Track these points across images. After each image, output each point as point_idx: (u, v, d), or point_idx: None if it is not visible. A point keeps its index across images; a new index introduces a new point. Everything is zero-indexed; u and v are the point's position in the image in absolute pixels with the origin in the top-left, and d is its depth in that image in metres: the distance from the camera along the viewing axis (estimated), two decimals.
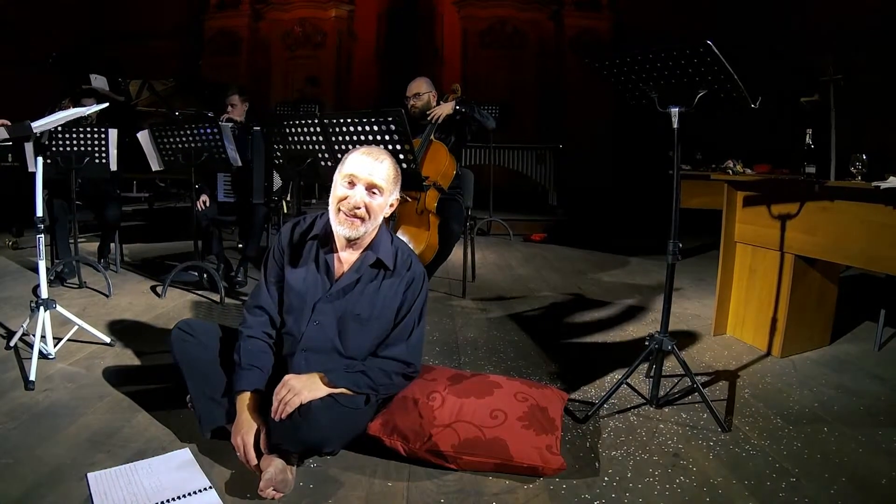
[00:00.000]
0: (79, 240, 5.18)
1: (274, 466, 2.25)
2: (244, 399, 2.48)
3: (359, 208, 2.50)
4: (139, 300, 4.79)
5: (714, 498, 2.30)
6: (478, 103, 5.15)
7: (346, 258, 2.64)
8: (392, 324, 2.65)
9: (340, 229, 2.54)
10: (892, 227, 3.18)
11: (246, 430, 2.38)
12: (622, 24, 11.85)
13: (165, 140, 4.88)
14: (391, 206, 2.64)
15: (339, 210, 2.53)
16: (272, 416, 2.36)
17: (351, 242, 2.58)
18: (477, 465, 2.46)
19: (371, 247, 2.62)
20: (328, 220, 2.61)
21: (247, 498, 2.24)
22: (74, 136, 4.81)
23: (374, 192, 2.53)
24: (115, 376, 3.27)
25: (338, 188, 2.55)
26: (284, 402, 2.35)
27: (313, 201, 10.24)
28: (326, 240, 2.64)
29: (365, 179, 2.51)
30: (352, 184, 2.52)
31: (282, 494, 2.23)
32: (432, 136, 4.71)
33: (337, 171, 2.59)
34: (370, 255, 2.61)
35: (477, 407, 2.58)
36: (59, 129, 4.67)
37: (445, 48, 12.17)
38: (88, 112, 3.68)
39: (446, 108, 4.75)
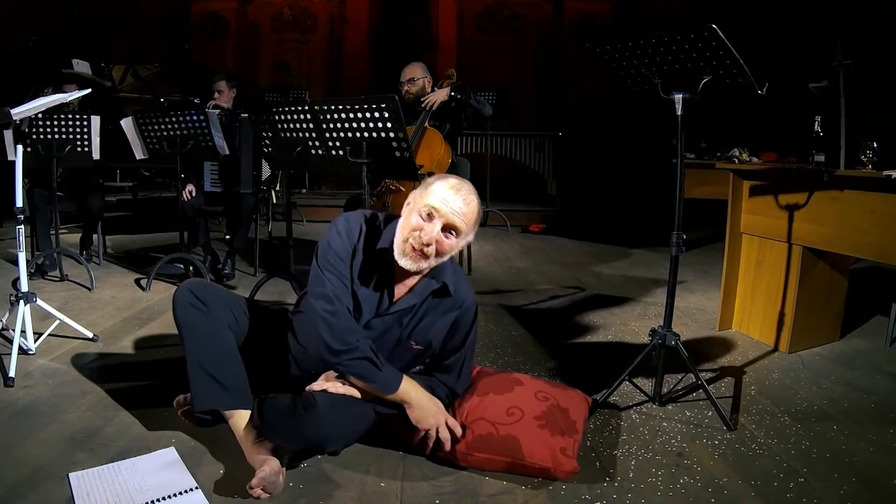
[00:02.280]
0: (60, 231, 5.16)
1: (269, 466, 2.25)
2: (409, 390, 2.46)
3: (429, 245, 2.36)
4: (123, 294, 4.78)
5: (719, 499, 2.29)
6: (474, 89, 5.14)
7: (406, 280, 2.54)
8: (438, 350, 2.64)
9: (402, 260, 2.39)
10: None
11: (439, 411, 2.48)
12: (623, 7, 11.80)
13: (150, 127, 4.86)
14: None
15: (407, 239, 2.38)
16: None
17: None
18: (487, 464, 2.44)
19: (434, 273, 2.52)
20: (392, 231, 2.48)
21: (234, 498, 2.23)
22: (56, 123, 4.77)
23: (450, 233, 2.39)
24: (98, 372, 3.26)
25: (412, 215, 2.40)
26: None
27: (303, 190, 10.24)
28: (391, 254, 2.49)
29: (446, 217, 2.35)
30: (430, 216, 2.36)
31: (268, 496, 2.22)
32: (427, 124, 4.69)
33: (418, 192, 2.44)
34: (432, 283, 2.52)
35: (494, 403, 2.57)
36: (40, 116, 4.63)
37: (440, 32, 12.11)
38: (70, 98, 3.66)
39: (441, 95, 4.74)
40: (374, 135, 3.53)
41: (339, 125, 3.64)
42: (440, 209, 2.35)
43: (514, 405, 2.56)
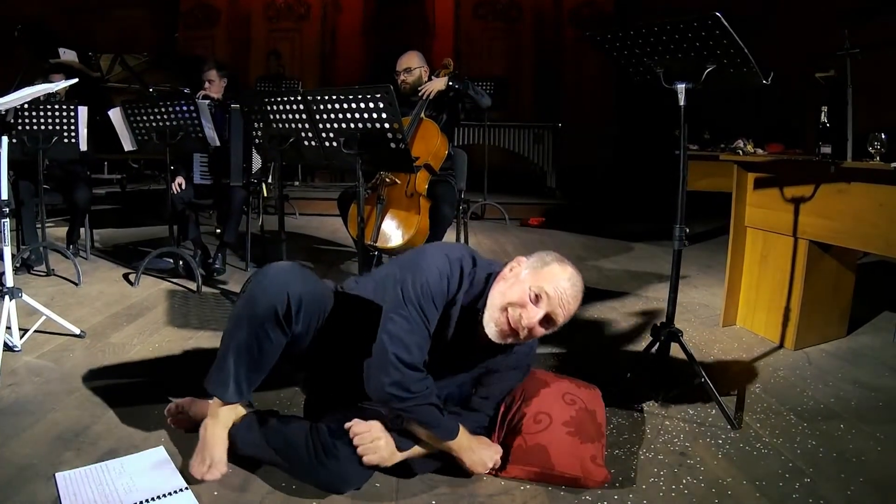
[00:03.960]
0: (46, 225, 5.13)
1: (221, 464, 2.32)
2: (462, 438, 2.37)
3: (524, 329, 2.30)
4: (111, 289, 4.77)
5: (723, 499, 2.29)
6: (471, 78, 5.13)
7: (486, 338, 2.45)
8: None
9: (491, 327, 2.33)
10: None
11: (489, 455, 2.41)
12: None
13: (139, 118, 4.84)
14: None
15: (505, 309, 2.30)
16: None
17: None
18: (517, 475, 2.42)
19: None
20: (484, 286, 2.41)
21: (225, 499, 2.22)
22: (42, 113, 4.74)
23: (547, 322, 2.34)
24: (86, 370, 3.25)
25: (518, 287, 2.32)
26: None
27: (296, 183, 10.22)
28: (477, 308, 2.41)
29: (553, 308, 2.30)
30: (538, 299, 2.29)
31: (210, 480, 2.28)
32: (422, 114, 4.68)
33: (532, 264, 2.38)
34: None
35: (522, 411, 2.55)
36: (26, 106, 4.61)
37: (437, 20, 12.08)
38: (57, 88, 3.64)
39: (439, 84, 4.72)
40: (369, 126, 3.51)
41: (332, 116, 3.62)
42: (552, 297, 2.30)
43: (542, 411, 2.52)
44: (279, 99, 3.84)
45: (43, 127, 4.76)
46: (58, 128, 4.79)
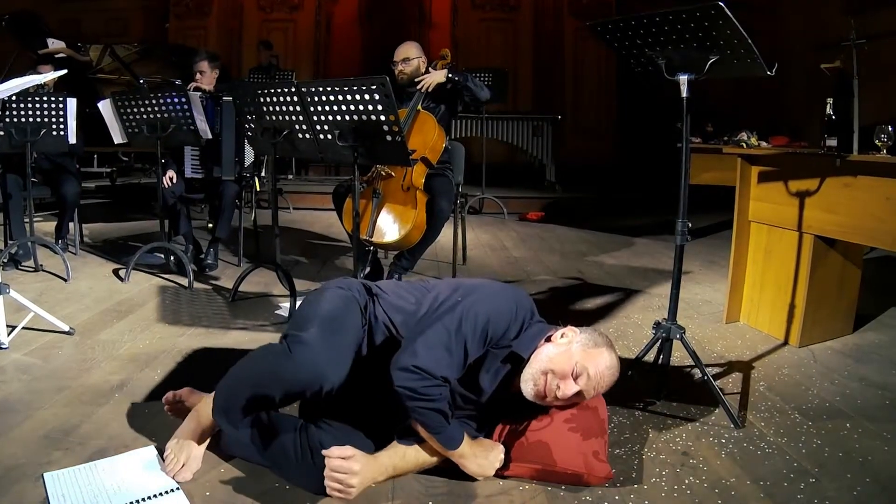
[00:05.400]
0: (34, 219, 5.11)
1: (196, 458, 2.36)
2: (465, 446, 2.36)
3: (554, 398, 2.39)
4: (100, 285, 4.76)
5: (726, 500, 2.29)
6: (469, 69, 5.12)
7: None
8: None
9: (527, 385, 2.41)
10: None
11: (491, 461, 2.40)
12: None
13: (129, 110, 4.83)
14: None
15: (545, 374, 2.38)
16: None
17: None
18: (518, 473, 2.42)
19: None
20: (535, 341, 2.46)
21: (217, 499, 2.22)
22: (30, 105, 4.71)
23: (576, 396, 2.41)
24: (74, 367, 3.24)
25: (563, 358, 2.38)
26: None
27: (289, 176, 10.21)
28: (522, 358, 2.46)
29: (587, 389, 2.39)
30: (578, 377, 2.37)
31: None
32: (419, 106, 4.67)
33: (584, 341, 2.44)
34: None
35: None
36: (13, 98, 4.59)
37: (434, 10, 12.07)
38: (46, 79, 3.63)
39: (438, 77, 4.71)
40: (365, 118, 3.50)
41: (327, 108, 3.62)
42: (591, 379, 2.38)
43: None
44: (272, 91, 3.83)
45: (31, 119, 4.73)
46: (46, 120, 4.77)
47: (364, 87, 3.42)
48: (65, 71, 3.94)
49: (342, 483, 2.17)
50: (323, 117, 3.66)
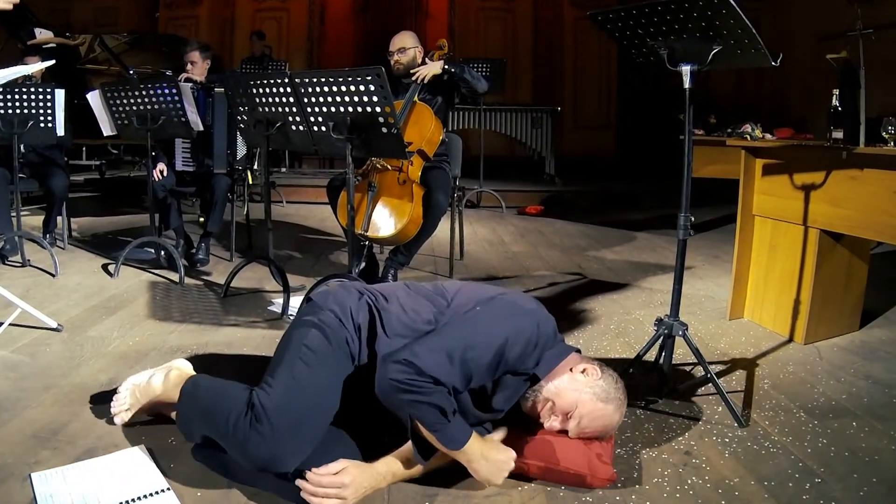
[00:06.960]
0: (22, 213, 5.10)
1: None
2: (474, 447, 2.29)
3: (543, 421, 2.47)
4: (89, 280, 4.75)
5: (730, 500, 2.28)
6: (466, 60, 5.10)
7: None
8: None
9: (526, 403, 2.49)
10: None
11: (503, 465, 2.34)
12: None
13: (118, 101, 4.81)
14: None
15: (546, 402, 2.44)
16: None
17: None
18: (520, 468, 2.40)
19: None
20: (556, 362, 2.48)
21: (208, 499, 2.21)
22: (17, 97, 4.71)
23: (586, 434, 2.44)
24: (63, 365, 3.23)
25: (570, 397, 2.41)
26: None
27: (283, 169, 10.21)
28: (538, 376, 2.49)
29: (573, 433, 2.43)
30: (571, 418, 2.41)
31: None
32: (416, 98, 4.66)
33: (597, 387, 2.42)
34: None
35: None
36: (0, 89, 4.58)
37: (431, 0, 12.07)
38: (33, 70, 3.61)
39: (434, 68, 4.69)
40: (360, 109, 3.50)
41: (321, 99, 3.61)
42: (581, 427, 2.41)
43: None
44: (265, 81, 3.83)
45: (18, 111, 4.73)
46: (34, 111, 4.76)
47: (359, 78, 3.42)
48: (52, 62, 3.92)
49: (336, 497, 2.16)
50: (317, 109, 3.65)
